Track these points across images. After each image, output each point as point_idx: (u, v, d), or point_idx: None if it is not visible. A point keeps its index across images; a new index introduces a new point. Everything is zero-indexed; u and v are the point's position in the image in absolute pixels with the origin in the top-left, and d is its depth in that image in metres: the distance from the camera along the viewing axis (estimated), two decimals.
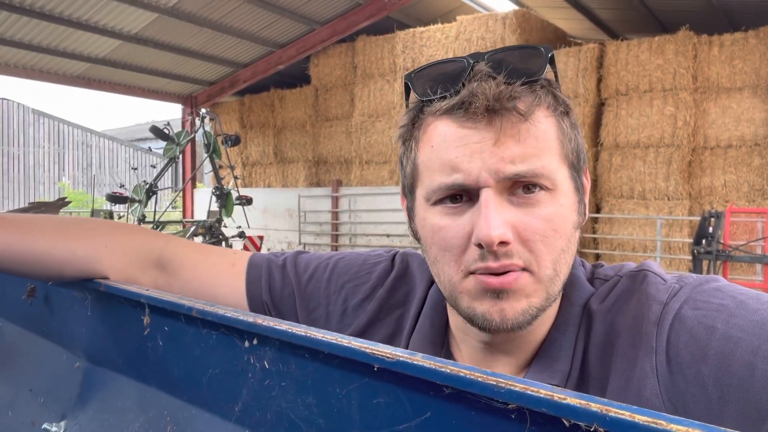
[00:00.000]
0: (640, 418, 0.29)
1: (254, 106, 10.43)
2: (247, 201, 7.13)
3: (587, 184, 0.62)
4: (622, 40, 7.38)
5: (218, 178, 7.12)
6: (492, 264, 0.54)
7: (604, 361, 0.56)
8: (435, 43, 8.14)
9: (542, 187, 0.55)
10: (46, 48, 8.03)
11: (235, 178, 7.37)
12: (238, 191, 7.14)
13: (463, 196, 0.56)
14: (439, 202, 0.57)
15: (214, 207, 7.07)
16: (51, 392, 0.75)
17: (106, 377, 0.68)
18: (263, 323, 0.47)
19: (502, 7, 8.31)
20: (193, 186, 10.92)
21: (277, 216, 9.70)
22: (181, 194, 10.40)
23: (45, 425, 0.70)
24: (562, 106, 0.58)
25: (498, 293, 0.55)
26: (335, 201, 9.12)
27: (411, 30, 8.39)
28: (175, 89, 10.30)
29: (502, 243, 0.53)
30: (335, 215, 9.12)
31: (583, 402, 0.31)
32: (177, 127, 8.41)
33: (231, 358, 0.51)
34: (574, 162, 0.59)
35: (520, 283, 0.55)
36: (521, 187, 0.55)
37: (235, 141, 7.30)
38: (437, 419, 0.37)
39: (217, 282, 0.75)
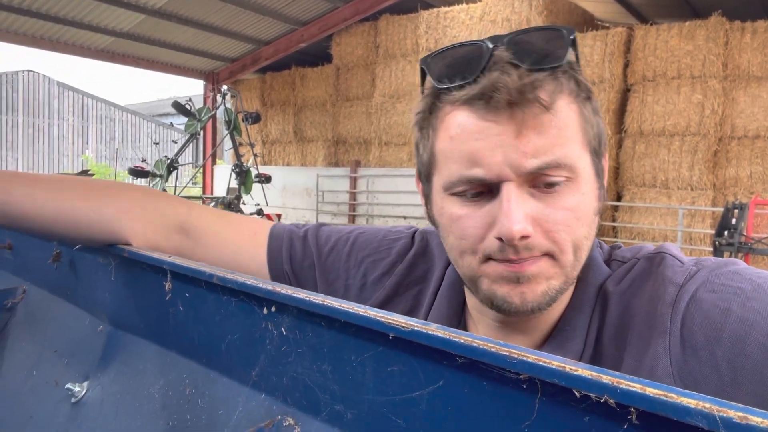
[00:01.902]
0: (651, 391, 0.29)
1: (275, 84, 10.43)
2: (266, 179, 7.17)
3: (606, 167, 0.62)
4: (651, 24, 7.20)
5: (238, 156, 7.16)
6: (512, 256, 0.54)
7: (618, 343, 0.56)
8: (459, 23, 8.03)
9: (564, 179, 0.54)
10: (71, 21, 8.10)
11: (255, 155, 7.41)
12: (257, 169, 7.18)
13: (484, 190, 0.56)
14: (459, 193, 0.57)
15: (234, 184, 7.13)
16: (74, 354, 0.78)
17: (128, 341, 0.70)
18: (281, 291, 0.48)
19: None
20: (213, 162, 11.01)
21: (296, 194, 9.75)
22: (201, 170, 10.50)
23: (68, 385, 0.72)
24: (584, 92, 0.57)
25: (518, 278, 0.55)
26: (353, 181, 9.13)
27: (435, 10, 8.28)
28: (197, 65, 10.33)
29: (524, 237, 0.53)
30: (353, 195, 9.14)
31: (594, 374, 0.31)
32: (199, 104, 8.45)
33: (249, 324, 0.52)
34: (596, 147, 0.58)
35: (540, 266, 0.55)
36: (543, 179, 0.54)
37: (255, 119, 7.32)
38: (449, 388, 0.38)
39: (239, 250, 0.76)
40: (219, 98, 7.48)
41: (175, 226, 0.75)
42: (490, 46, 0.55)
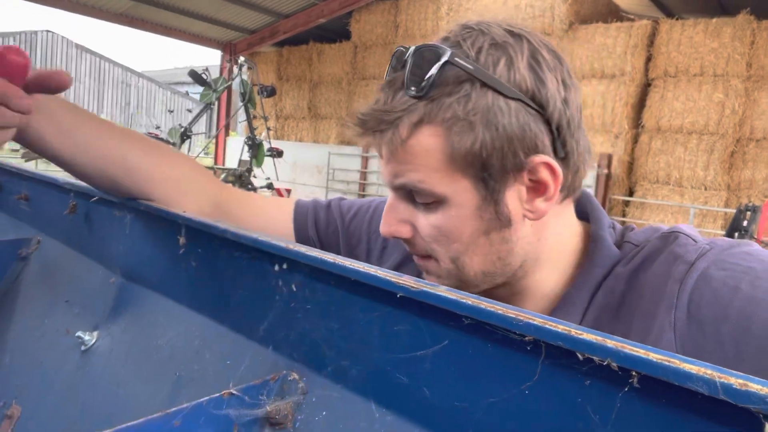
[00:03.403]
0: (654, 356, 0.30)
1: (292, 59, 10.37)
2: (278, 153, 7.18)
3: (548, 177, 0.57)
4: (677, 18, 7.07)
5: (251, 128, 7.17)
6: (407, 248, 0.64)
7: (621, 320, 0.57)
8: (481, 7, 7.91)
9: (428, 200, 0.58)
10: None
11: (268, 129, 7.41)
12: (269, 142, 7.18)
13: None
14: None
15: (246, 156, 7.14)
16: (86, 304, 0.79)
17: (140, 293, 0.72)
18: (294, 248, 0.49)
19: None
20: (227, 134, 11.02)
21: (306, 171, 9.76)
22: (214, 140, 10.52)
23: (78, 333, 0.74)
24: (459, 115, 0.54)
25: (421, 271, 0.65)
26: (365, 161, 9.11)
27: None
28: (215, 35, 10.28)
29: (396, 237, 0.62)
30: (363, 175, 9.13)
31: (599, 338, 0.32)
32: (215, 74, 8.43)
33: (260, 280, 0.53)
34: (480, 169, 0.56)
35: (430, 266, 0.62)
36: (413, 195, 0.59)
37: (270, 92, 7.30)
38: (454, 347, 0.39)
39: (266, 220, 0.81)
40: (235, 69, 7.46)
41: (209, 200, 0.77)
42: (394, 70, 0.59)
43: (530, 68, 0.55)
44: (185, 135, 7.00)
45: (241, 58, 7.52)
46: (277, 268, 0.51)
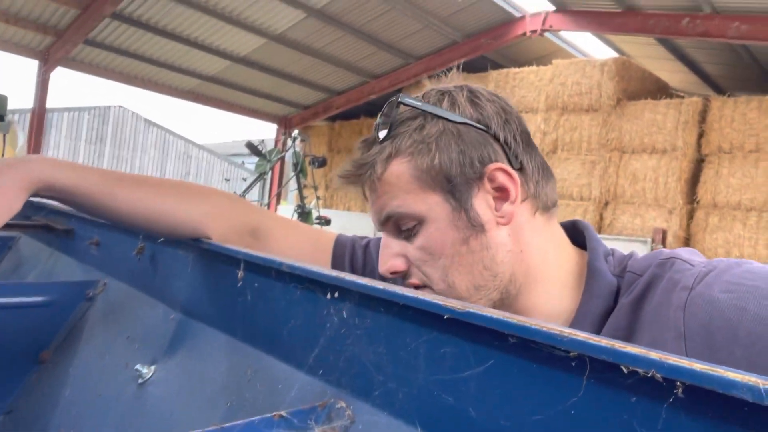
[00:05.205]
0: (698, 366, 0.30)
1: (343, 132, 10.80)
2: (325, 221, 7.34)
3: (508, 182, 0.66)
4: (728, 96, 7.03)
5: (302, 197, 7.40)
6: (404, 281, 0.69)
7: None
8: (528, 84, 8.12)
9: (411, 224, 0.66)
10: (164, 63, 8.79)
11: (318, 198, 7.63)
12: (318, 211, 7.37)
13: None
14: None
15: None
16: (146, 340, 0.84)
17: (197, 328, 0.75)
18: (345, 277, 0.52)
19: (601, 53, 8.19)
20: (278, 202, 11.38)
21: None
22: (266, 208, 10.86)
23: (137, 366, 0.78)
24: (420, 144, 0.67)
25: None
26: None
27: (505, 70, 8.43)
28: (272, 110, 10.88)
29: (395, 273, 0.68)
30: None
31: (643, 351, 0.32)
32: (270, 145, 8.85)
33: (312, 309, 0.56)
34: (452, 176, 0.65)
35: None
36: (399, 227, 0.68)
37: (321, 163, 7.57)
38: (499, 367, 0.40)
39: (305, 255, 0.84)
40: (289, 142, 7.82)
41: (249, 229, 0.81)
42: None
43: (470, 101, 0.69)
44: None
45: (295, 131, 7.91)
46: (328, 296, 0.54)
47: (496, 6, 7.22)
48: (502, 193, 0.66)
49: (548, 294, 0.65)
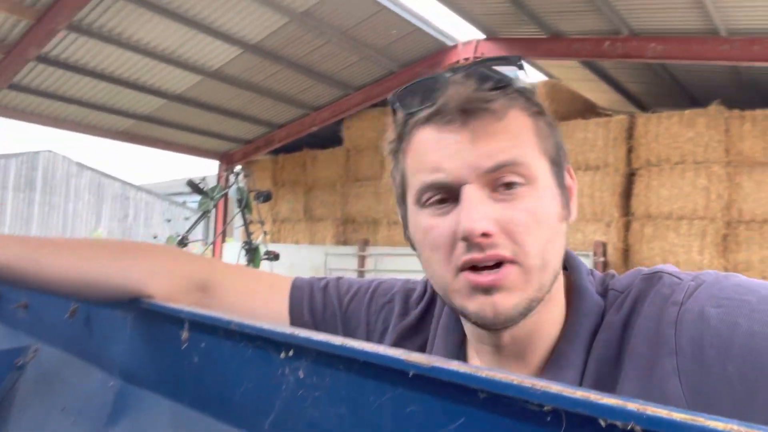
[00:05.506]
0: (678, 416, 0.29)
1: (287, 165, 10.72)
2: (274, 256, 7.21)
3: (573, 184, 0.66)
4: (652, 112, 7.46)
5: (248, 233, 7.25)
6: (477, 255, 0.56)
7: (619, 368, 0.56)
8: None
9: (522, 180, 0.58)
10: (94, 104, 8.49)
11: (264, 233, 7.50)
12: (266, 246, 7.24)
13: (449, 198, 0.59)
14: (428, 204, 0.60)
15: (242, 261, 7.16)
16: (83, 411, 0.76)
17: (139, 395, 0.69)
18: (300, 334, 0.49)
19: (533, 77, 8.53)
20: (223, 240, 11.10)
21: (303, 272, 9.67)
22: (211, 247, 10.58)
23: None
24: (535, 107, 0.62)
25: (488, 290, 0.56)
26: (361, 260, 9.13)
27: None
28: (212, 146, 10.69)
29: (485, 235, 0.55)
30: (361, 274, 9.11)
31: (620, 402, 0.31)
32: (212, 183, 8.67)
33: (265, 370, 0.52)
34: (554, 157, 0.62)
35: (510, 278, 0.56)
36: (502, 183, 0.58)
37: (266, 197, 7.48)
38: (471, 425, 0.37)
39: (260, 303, 0.79)
40: (231, 178, 7.69)
41: (195, 283, 0.77)
42: (448, 75, 0.61)
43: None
44: (182, 243, 7.05)
45: (238, 167, 7.78)
46: (283, 355, 0.50)
47: (428, 36, 7.42)
48: (568, 191, 0.65)
49: (551, 313, 0.62)
